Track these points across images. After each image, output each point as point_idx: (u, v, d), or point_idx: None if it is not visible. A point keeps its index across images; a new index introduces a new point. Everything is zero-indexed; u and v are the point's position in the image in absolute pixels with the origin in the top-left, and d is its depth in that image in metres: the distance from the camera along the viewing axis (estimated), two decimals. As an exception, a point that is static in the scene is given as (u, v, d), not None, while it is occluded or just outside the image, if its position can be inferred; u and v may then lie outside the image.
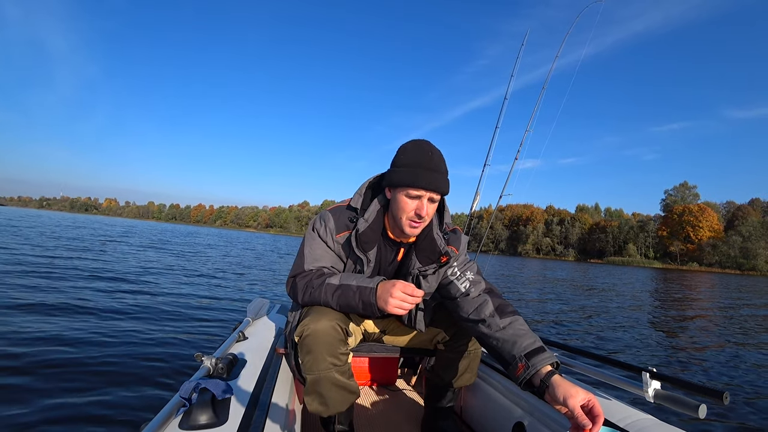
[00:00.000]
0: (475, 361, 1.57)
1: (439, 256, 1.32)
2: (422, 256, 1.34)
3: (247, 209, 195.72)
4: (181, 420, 0.99)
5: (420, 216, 1.24)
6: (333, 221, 1.32)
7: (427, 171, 1.22)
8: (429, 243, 1.33)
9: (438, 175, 1.23)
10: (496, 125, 3.00)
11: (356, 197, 1.36)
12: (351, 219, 1.33)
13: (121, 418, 2.26)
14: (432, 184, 1.22)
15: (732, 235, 73.77)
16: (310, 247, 1.34)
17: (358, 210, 1.34)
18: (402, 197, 1.25)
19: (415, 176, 1.21)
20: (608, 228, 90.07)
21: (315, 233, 1.34)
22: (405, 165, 1.24)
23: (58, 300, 4.78)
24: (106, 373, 2.80)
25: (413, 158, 1.24)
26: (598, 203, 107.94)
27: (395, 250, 1.40)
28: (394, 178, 1.25)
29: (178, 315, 4.75)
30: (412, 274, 1.36)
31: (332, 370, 1.23)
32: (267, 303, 2.28)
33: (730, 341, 6.31)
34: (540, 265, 38.59)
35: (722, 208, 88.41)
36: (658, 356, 5.02)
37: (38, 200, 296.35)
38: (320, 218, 1.35)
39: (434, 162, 1.23)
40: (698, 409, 1.11)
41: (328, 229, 1.32)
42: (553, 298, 10.83)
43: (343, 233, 1.32)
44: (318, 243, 1.34)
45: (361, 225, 1.29)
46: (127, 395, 2.52)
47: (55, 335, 3.45)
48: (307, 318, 1.24)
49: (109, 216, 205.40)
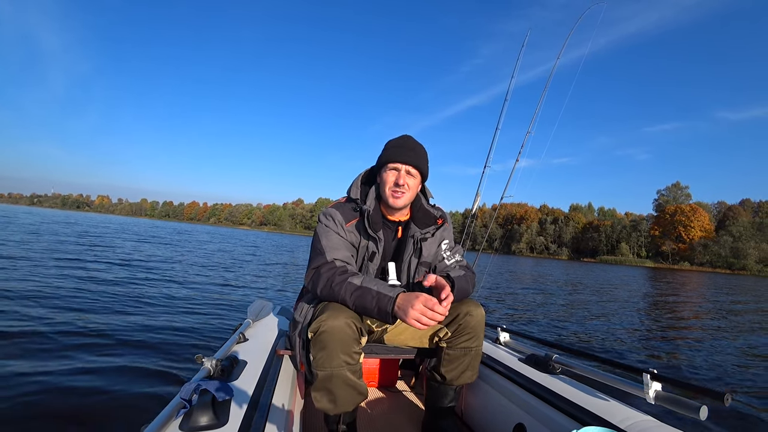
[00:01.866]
0: (476, 359, 1.57)
1: (435, 220, 1.56)
2: (420, 224, 1.55)
3: (241, 207, 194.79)
4: (182, 421, 0.99)
5: (398, 184, 1.45)
6: (340, 214, 1.47)
7: (402, 149, 1.47)
8: (423, 213, 1.57)
9: (411, 152, 1.47)
10: (496, 126, 3.02)
11: (354, 190, 1.53)
12: (354, 209, 1.50)
13: (122, 419, 2.25)
14: (406, 157, 1.45)
15: (723, 235, 74.62)
16: (327, 239, 1.44)
17: (358, 200, 1.50)
18: (385, 173, 1.48)
19: (392, 153, 1.47)
20: (601, 227, 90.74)
21: (327, 227, 1.46)
22: (386, 149, 1.51)
23: (58, 299, 4.74)
24: (106, 373, 2.78)
25: (392, 143, 1.51)
26: (592, 203, 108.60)
27: (394, 229, 1.57)
28: (379, 160, 1.51)
29: (178, 316, 4.72)
30: (415, 238, 1.53)
31: (344, 368, 1.26)
32: (267, 304, 2.27)
33: (728, 340, 6.39)
34: (534, 264, 38.83)
35: (713, 209, 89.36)
36: (657, 356, 5.07)
37: (29, 197, 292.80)
38: (326, 215, 1.48)
39: (409, 144, 1.49)
40: (699, 411, 1.12)
41: (338, 222, 1.45)
42: (550, 297, 10.90)
43: (352, 222, 1.47)
44: (332, 234, 1.44)
45: (364, 209, 1.47)
46: (127, 396, 2.51)
47: (55, 335, 3.42)
48: (324, 314, 1.26)
49: (101, 213, 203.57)
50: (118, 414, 2.30)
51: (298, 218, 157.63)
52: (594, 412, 1.24)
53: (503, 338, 2.03)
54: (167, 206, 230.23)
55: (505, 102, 3.06)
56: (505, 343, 2.02)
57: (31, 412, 2.22)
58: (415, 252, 1.54)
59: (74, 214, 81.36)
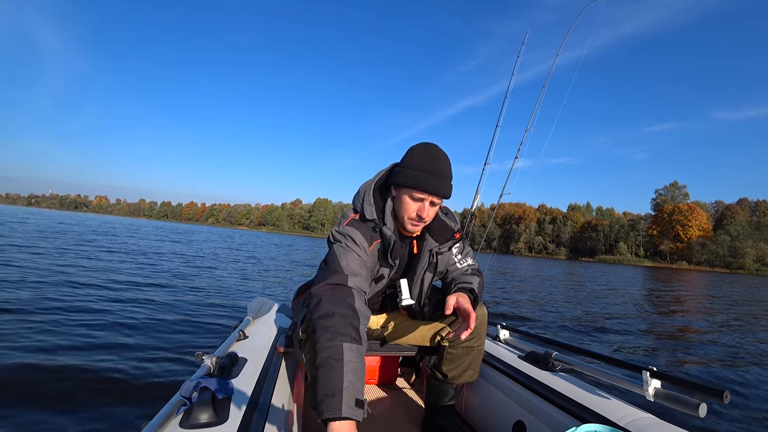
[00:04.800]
0: (477, 359, 1.57)
1: (453, 233, 1.47)
2: (437, 236, 1.45)
3: (239, 207, 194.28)
4: (182, 419, 0.99)
5: (420, 217, 1.31)
6: (360, 235, 1.30)
7: (432, 176, 1.28)
8: (440, 225, 1.46)
9: (442, 181, 1.29)
10: (496, 124, 3.00)
11: (368, 208, 1.36)
12: (373, 228, 1.34)
13: (122, 417, 2.25)
14: (435, 188, 1.28)
15: (721, 234, 74.86)
16: (348, 261, 1.23)
17: (376, 220, 1.35)
18: (406, 198, 1.31)
19: (420, 180, 1.27)
20: (599, 227, 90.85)
21: (349, 248, 1.27)
22: (412, 167, 1.29)
23: (54, 299, 4.72)
24: (106, 372, 2.78)
25: (420, 162, 1.29)
26: (590, 202, 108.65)
27: (408, 244, 1.47)
28: (401, 178, 1.31)
29: (177, 314, 4.71)
30: (432, 253, 1.45)
31: None
32: (267, 302, 2.27)
33: (726, 339, 6.40)
34: (532, 264, 38.87)
35: (711, 208, 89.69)
36: (656, 353, 5.08)
37: (27, 197, 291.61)
38: (346, 235, 1.29)
39: (440, 168, 1.29)
40: (698, 408, 1.12)
41: (360, 244, 1.29)
42: (549, 296, 10.91)
43: (373, 244, 1.34)
44: (355, 257, 1.26)
45: (387, 235, 1.34)
46: (126, 394, 2.51)
47: (54, 335, 3.41)
48: None
49: (99, 213, 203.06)
50: (117, 411, 2.30)
51: (296, 218, 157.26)
52: (593, 410, 1.24)
53: (503, 336, 2.03)
54: (165, 206, 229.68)
55: (506, 99, 3.05)
56: (505, 340, 2.02)
57: (30, 411, 2.21)
58: (430, 266, 1.46)
59: (75, 215, 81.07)
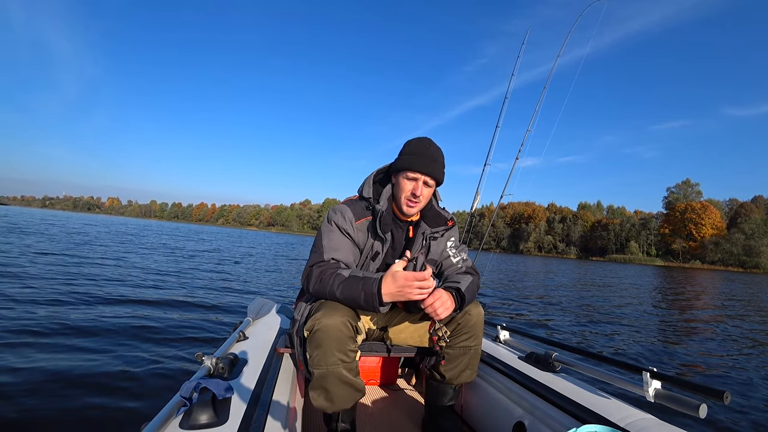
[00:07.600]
0: (475, 358, 1.57)
1: (446, 221, 1.59)
2: (431, 223, 1.57)
3: (248, 207, 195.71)
4: (182, 419, 0.99)
5: (415, 195, 1.44)
6: (350, 211, 1.47)
7: (424, 158, 1.44)
8: (435, 214, 1.59)
9: (433, 163, 1.45)
10: (496, 124, 2.98)
11: (367, 188, 1.53)
12: (366, 207, 1.50)
13: (122, 417, 2.26)
14: (426, 168, 1.43)
15: (735, 232, 73.36)
16: (328, 239, 1.44)
17: (371, 199, 1.50)
18: (402, 179, 1.47)
19: (413, 162, 1.44)
20: (610, 226, 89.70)
21: (332, 225, 1.46)
22: (406, 153, 1.47)
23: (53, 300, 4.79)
24: (106, 372, 2.80)
25: (414, 148, 1.47)
26: (600, 201, 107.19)
27: (405, 228, 1.57)
28: (398, 164, 1.49)
29: (178, 314, 4.74)
30: (425, 235, 1.55)
31: (340, 366, 1.26)
32: (267, 303, 2.29)
33: (734, 341, 6.29)
34: (542, 263, 38.55)
35: (725, 206, 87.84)
36: (659, 355, 5.00)
37: (41, 199, 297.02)
38: (336, 211, 1.48)
39: (430, 152, 1.46)
40: (699, 409, 1.11)
41: (347, 219, 1.45)
42: (556, 297, 10.82)
43: (362, 220, 1.48)
44: (336, 234, 1.45)
45: (377, 209, 1.46)
46: (127, 395, 2.51)
47: (53, 335, 3.45)
48: (319, 313, 1.27)
49: (111, 215, 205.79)
50: (118, 413, 2.30)
51: (305, 219, 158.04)
52: (594, 410, 1.24)
53: (503, 336, 2.03)
54: (176, 208, 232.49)
55: (506, 100, 3.03)
56: (505, 341, 2.01)
57: (31, 410, 2.21)
58: (424, 249, 1.57)
59: (92, 217, 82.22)
